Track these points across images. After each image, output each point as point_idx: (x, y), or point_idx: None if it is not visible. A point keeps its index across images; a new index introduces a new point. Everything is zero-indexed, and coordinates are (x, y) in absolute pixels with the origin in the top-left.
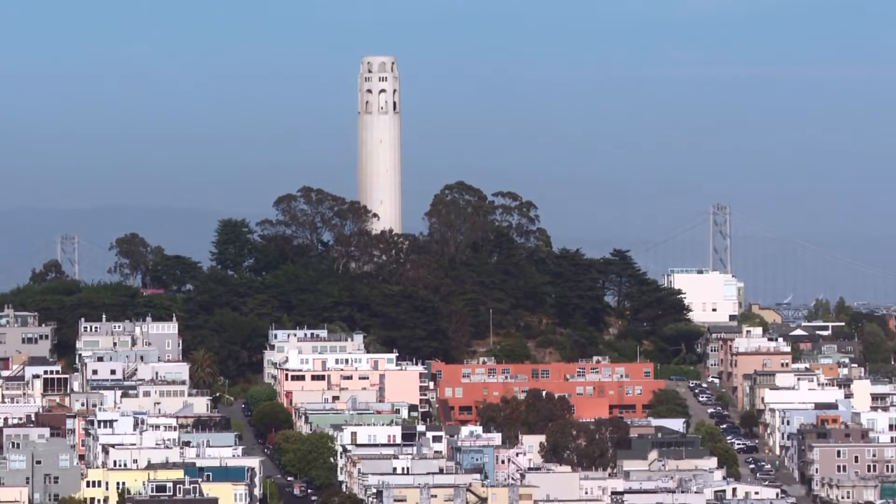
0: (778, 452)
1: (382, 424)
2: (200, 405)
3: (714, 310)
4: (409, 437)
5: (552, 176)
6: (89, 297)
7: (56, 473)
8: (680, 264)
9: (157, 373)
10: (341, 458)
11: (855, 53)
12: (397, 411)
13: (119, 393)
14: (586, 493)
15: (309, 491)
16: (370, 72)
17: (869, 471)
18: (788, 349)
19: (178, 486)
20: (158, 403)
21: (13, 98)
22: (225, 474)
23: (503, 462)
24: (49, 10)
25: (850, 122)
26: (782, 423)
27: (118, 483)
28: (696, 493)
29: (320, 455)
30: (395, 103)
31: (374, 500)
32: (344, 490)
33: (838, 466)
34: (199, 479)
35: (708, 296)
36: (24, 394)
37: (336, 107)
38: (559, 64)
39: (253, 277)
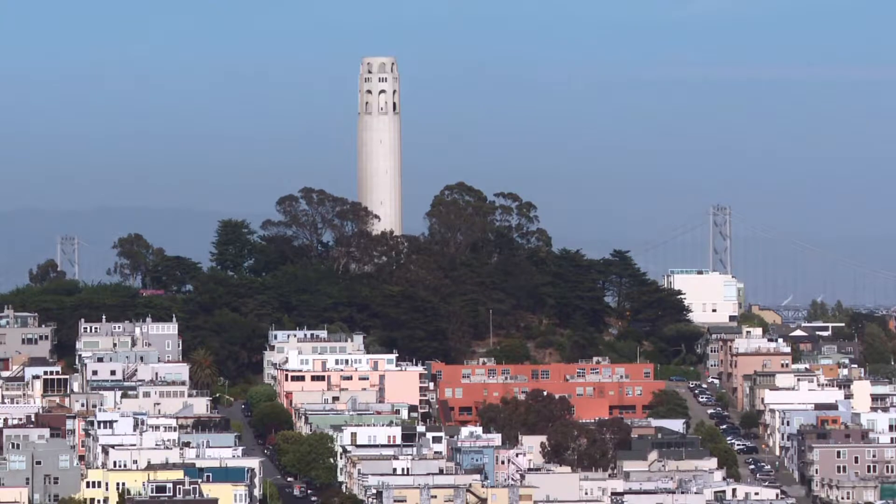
0: (778, 453)
1: (382, 425)
2: (200, 406)
3: (714, 310)
4: (409, 437)
5: (552, 176)
6: (89, 298)
7: (56, 474)
8: (680, 265)
9: (156, 373)
10: (341, 458)
11: (855, 53)
12: (397, 412)
13: (119, 393)
14: (586, 493)
15: (309, 491)
16: (370, 72)
17: (869, 471)
18: (788, 350)
19: (177, 486)
20: (158, 404)
21: (14, 99)
22: (225, 475)
23: (503, 463)
24: (49, 11)
25: (850, 123)
26: (782, 423)
27: (118, 483)
28: (695, 493)
29: (320, 456)
30: (394, 104)
31: (374, 501)
32: (344, 491)
33: (838, 467)
34: (199, 480)
35: (708, 296)
36: (24, 394)
37: (336, 107)
38: (559, 64)
39: (253, 278)
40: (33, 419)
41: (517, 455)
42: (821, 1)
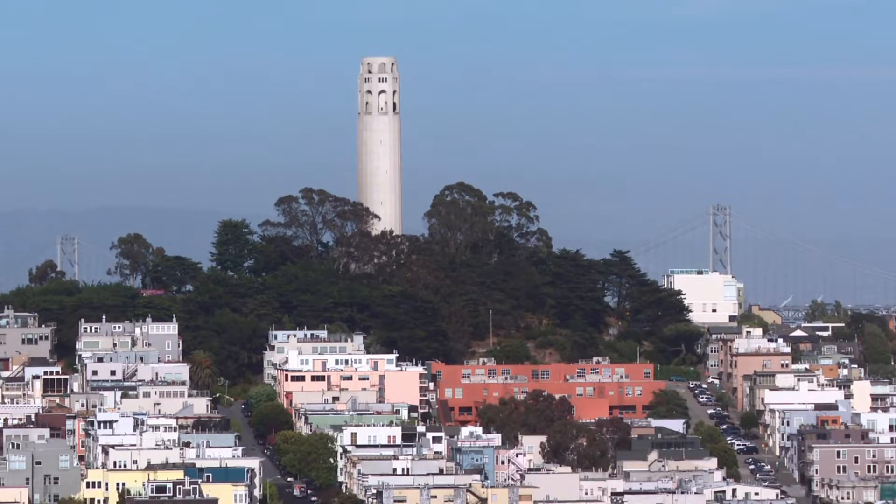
0: (778, 453)
1: (382, 425)
2: (200, 406)
3: (714, 310)
4: (409, 437)
5: (552, 176)
6: (89, 298)
7: (56, 474)
8: (680, 265)
9: (156, 373)
10: (341, 458)
11: (855, 54)
12: (397, 412)
13: (119, 394)
14: (586, 493)
15: (309, 492)
16: (370, 72)
17: (869, 471)
18: (788, 350)
19: (177, 486)
20: (158, 404)
21: (13, 99)
22: (225, 475)
23: (503, 463)
24: (48, 10)
25: (850, 123)
26: (782, 423)
27: (118, 484)
28: (695, 493)
29: (320, 456)
30: (395, 104)
31: (374, 501)
32: (344, 491)
33: (838, 467)
34: (199, 480)
35: (708, 296)
36: (24, 394)
37: (336, 107)
38: (559, 64)
39: (253, 278)
40: (33, 419)
41: (517, 455)
42: (820, 1)
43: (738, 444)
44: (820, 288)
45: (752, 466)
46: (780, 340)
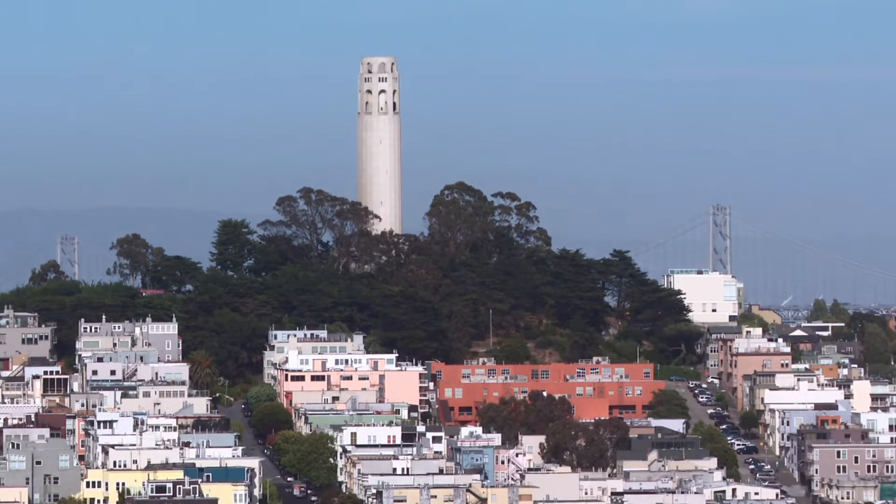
0: (778, 453)
1: (382, 425)
2: (200, 406)
3: (714, 310)
4: (409, 437)
5: (552, 176)
6: (89, 298)
7: (56, 474)
8: (680, 265)
9: (156, 373)
10: (341, 458)
11: (855, 53)
12: (397, 412)
13: (119, 393)
14: (586, 493)
15: (309, 491)
16: (370, 72)
17: (869, 471)
18: (788, 350)
19: (177, 486)
20: (158, 404)
21: (13, 99)
22: (225, 475)
23: (503, 462)
24: (49, 10)
25: (850, 123)
26: (782, 423)
27: (118, 483)
28: (695, 493)
29: (320, 455)
30: (394, 104)
31: (374, 501)
32: (344, 491)
33: (838, 467)
34: (199, 480)
35: (708, 296)
36: (24, 394)
37: (336, 107)
38: (559, 65)
39: (253, 278)
40: (33, 419)
41: (517, 455)
42: (821, 1)
43: (738, 444)
44: (820, 288)
45: (752, 466)
46: (780, 340)
